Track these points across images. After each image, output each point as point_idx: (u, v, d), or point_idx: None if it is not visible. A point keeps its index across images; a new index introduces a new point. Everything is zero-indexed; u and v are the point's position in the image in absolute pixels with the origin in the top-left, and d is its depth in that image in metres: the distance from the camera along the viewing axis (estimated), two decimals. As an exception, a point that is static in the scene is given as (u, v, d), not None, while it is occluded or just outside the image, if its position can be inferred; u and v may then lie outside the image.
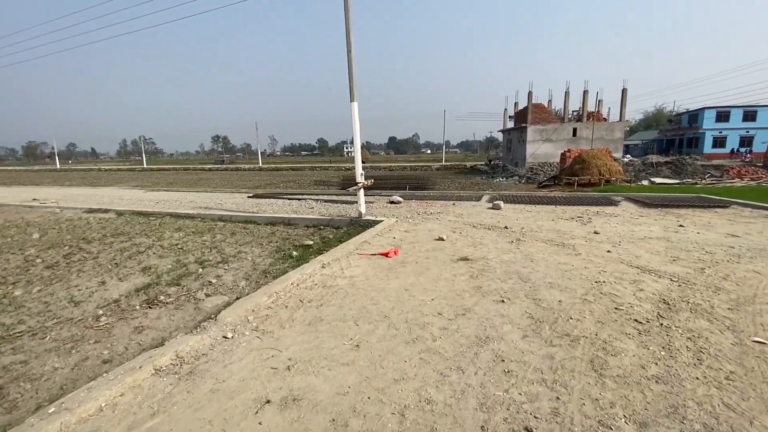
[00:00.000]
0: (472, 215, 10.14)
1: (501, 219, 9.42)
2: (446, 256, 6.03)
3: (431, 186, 19.66)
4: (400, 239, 7.31)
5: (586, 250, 6.21)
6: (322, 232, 9.05)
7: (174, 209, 12.81)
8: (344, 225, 9.62)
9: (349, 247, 6.66)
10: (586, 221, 8.98)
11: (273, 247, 7.73)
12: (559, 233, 7.61)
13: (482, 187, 21.17)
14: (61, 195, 18.50)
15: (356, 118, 9.08)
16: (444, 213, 10.62)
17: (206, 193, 18.62)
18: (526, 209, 11.05)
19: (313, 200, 14.16)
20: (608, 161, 21.78)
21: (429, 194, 15.34)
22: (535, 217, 9.69)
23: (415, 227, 8.51)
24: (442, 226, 8.62)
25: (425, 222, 9.18)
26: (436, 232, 7.88)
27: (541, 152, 31.78)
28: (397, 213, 10.76)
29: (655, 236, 7.32)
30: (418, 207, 11.92)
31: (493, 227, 8.33)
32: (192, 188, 22.42)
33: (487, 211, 10.74)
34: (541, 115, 34.18)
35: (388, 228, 8.40)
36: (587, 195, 13.89)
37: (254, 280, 5.60)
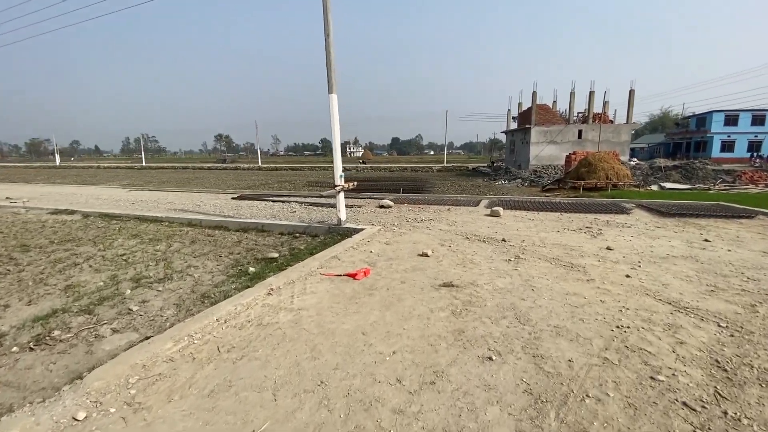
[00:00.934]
0: (467, 223, 8.94)
1: (499, 229, 8.21)
2: (427, 279, 4.84)
3: (428, 189, 18.48)
4: (378, 254, 6.12)
5: (600, 274, 4.99)
6: (295, 241, 7.89)
7: (145, 211, 11.70)
8: (322, 233, 8.46)
9: (312, 264, 5.48)
10: (596, 233, 7.75)
11: (232, 260, 6.58)
12: (565, 249, 6.40)
13: (483, 190, 19.97)
14: (39, 194, 17.47)
15: (335, 111, 7.91)
16: (436, 220, 9.42)
17: (192, 193, 17.53)
18: (528, 217, 9.83)
19: (299, 203, 13.01)
20: (616, 165, 20.47)
21: (424, 198, 14.15)
22: (538, 226, 8.47)
23: (399, 238, 7.32)
24: (431, 237, 7.43)
25: (412, 231, 7.99)
26: (421, 245, 6.69)
27: (545, 154, 30.48)
28: (384, 219, 9.59)
29: (679, 254, 6.09)
30: (409, 212, 10.73)
31: (488, 239, 7.12)
32: (181, 188, 21.37)
33: (484, 219, 9.53)
34: (546, 116, 32.86)
35: (368, 238, 7.22)
36: (595, 201, 12.64)
37: (185, 308, 4.45)
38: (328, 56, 7.72)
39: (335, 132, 7.93)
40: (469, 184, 23.51)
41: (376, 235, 7.53)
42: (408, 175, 31.35)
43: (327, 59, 7.73)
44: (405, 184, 18.52)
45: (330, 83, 7.80)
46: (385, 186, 18.17)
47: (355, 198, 14.40)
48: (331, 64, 7.76)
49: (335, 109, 7.89)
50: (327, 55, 7.72)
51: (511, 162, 36.20)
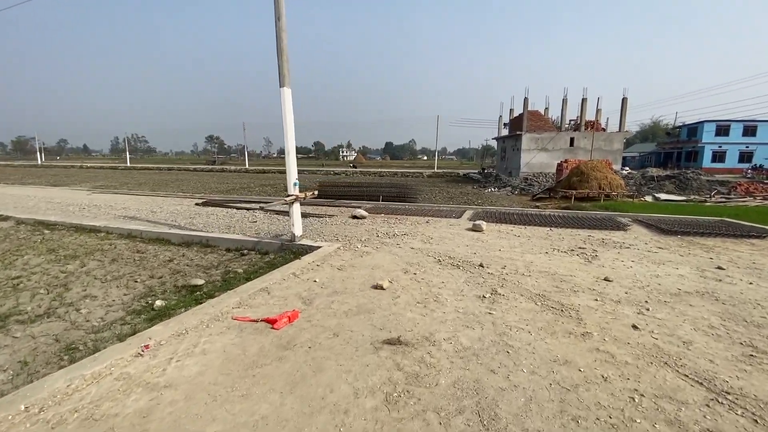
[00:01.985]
0: (444, 240, 7.71)
1: (479, 248, 6.98)
2: (369, 330, 3.57)
3: (413, 196, 17.25)
4: (322, 285, 4.84)
5: (599, 323, 3.76)
6: (237, 261, 6.61)
7: (90, 219, 10.34)
8: (273, 250, 7.19)
9: (228, 302, 4.18)
10: (591, 256, 6.56)
11: (146, 287, 5.29)
12: (554, 279, 5.17)
13: (470, 198, 18.83)
14: (-9, 195, 15.98)
15: (288, 107, 6.65)
16: (410, 235, 8.18)
17: (158, 197, 16.14)
18: (514, 232, 8.63)
19: (266, 210, 11.71)
20: (609, 174, 19.43)
21: (404, 207, 12.92)
22: (524, 245, 7.25)
23: (357, 260, 6.05)
24: (397, 259, 6.18)
25: (377, 251, 6.73)
26: (381, 271, 5.43)
27: (537, 162, 29.47)
28: (351, 233, 8.33)
29: (693, 289, 4.90)
30: (383, 224, 9.49)
31: (464, 264, 5.89)
32: (152, 191, 19.97)
33: (464, 234, 8.31)
34: (537, 122, 31.90)
35: (320, 261, 5.95)
36: (588, 215, 11.49)
37: (31, 370, 3.18)
38: (279, 43, 6.47)
39: (288, 131, 6.67)
40: (458, 192, 22.38)
41: (332, 256, 6.25)
42: (396, 180, 30.17)
43: (278, 46, 6.48)
44: (389, 191, 17.27)
45: (281, 75, 6.54)
46: (367, 193, 16.92)
47: (329, 206, 13.14)
48: (283, 52, 6.51)
49: (288, 105, 6.63)
50: (278, 42, 6.47)
51: (502, 169, 35.20)
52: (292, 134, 6.78)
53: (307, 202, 13.81)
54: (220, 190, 21.61)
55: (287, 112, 6.61)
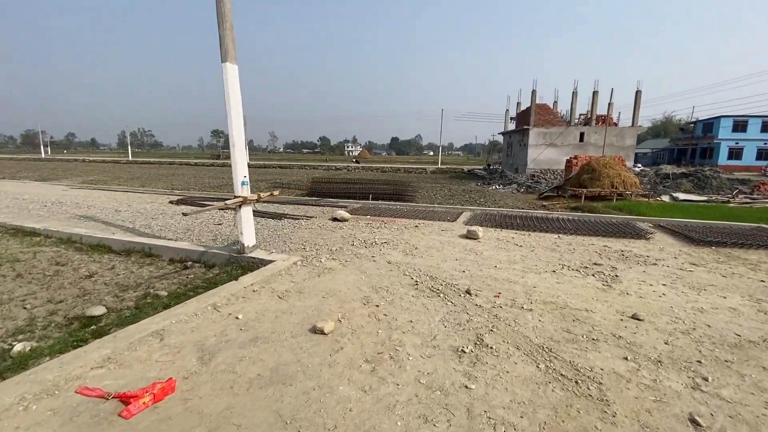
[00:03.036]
0: (430, 251, 6.35)
1: (470, 264, 5.61)
2: (265, 428, 2.25)
3: (410, 194, 15.86)
4: (242, 325, 3.51)
5: (637, 414, 2.37)
6: (172, 278, 5.33)
7: (42, 219, 9.17)
8: (220, 263, 5.89)
9: (92, 356, 2.87)
10: (610, 277, 5.15)
11: (32, 316, 4.03)
12: (564, 317, 3.79)
13: (472, 197, 17.39)
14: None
15: (233, 88, 5.30)
16: (392, 243, 6.83)
17: (135, 193, 14.98)
18: (516, 241, 7.22)
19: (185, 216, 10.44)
20: (622, 171, 17.82)
21: (396, 207, 11.55)
22: (526, 260, 5.85)
23: (310, 283, 4.72)
24: (363, 279, 4.83)
25: (344, 267, 5.39)
26: (334, 300, 4.09)
27: (544, 158, 27.84)
28: (323, 241, 7.00)
29: (758, 336, 3.48)
30: (365, 229, 8.14)
31: (447, 288, 4.53)
32: (142, 186, 18.88)
33: (456, 243, 6.93)
34: (546, 117, 30.18)
35: (261, 283, 4.62)
36: (602, 218, 10.01)
37: None
38: (220, 7, 5.11)
39: (233, 117, 5.32)
40: (459, 189, 20.92)
41: (280, 276, 4.92)
42: (394, 177, 28.73)
43: (218, 12, 5.12)
44: (384, 189, 15.91)
45: (224, 48, 5.18)
46: (361, 190, 15.57)
47: (315, 205, 11.82)
48: (226, 19, 5.15)
49: (233, 85, 5.28)
50: (218, 6, 5.11)
51: (508, 165, 33.57)
52: (239, 121, 5.44)
53: (289, 201, 12.50)
54: (211, 186, 20.44)
55: (232, 93, 5.26)
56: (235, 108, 5.32)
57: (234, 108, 5.29)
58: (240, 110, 5.42)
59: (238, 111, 5.39)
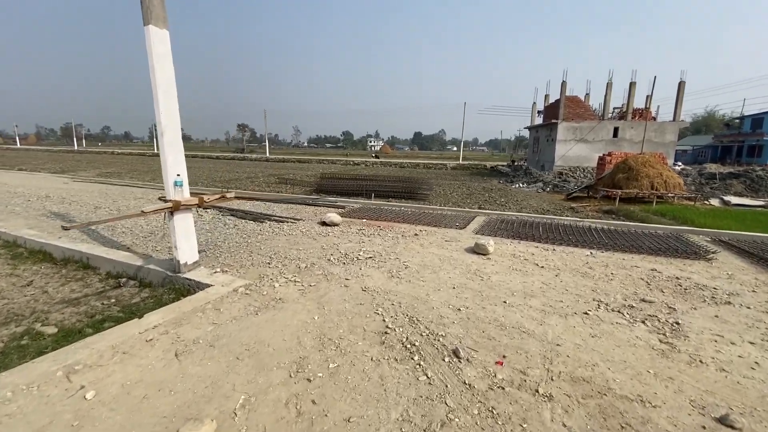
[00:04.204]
0: (424, 270, 4.92)
1: (469, 297, 4.13)
2: None
3: (422, 193, 14.38)
4: (74, 421, 2.25)
5: None
6: (93, 300, 4.16)
7: (8, 215, 8.34)
8: (156, 282, 4.69)
9: None
10: (669, 324, 3.57)
11: None
12: (605, 412, 2.29)
13: (493, 195, 15.66)
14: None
15: (162, 57, 4.02)
16: (380, 258, 5.45)
17: (134, 188, 14.22)
18: (536, 259, 5.67)
19: (222, 211, 9.34)
20: (664, 170, 15.62)
21: (399, 209, 10.13)
22: (547, 292, 4.32)
23: (238, 326, 3.40)
24: (315, 323, 3.48)
25: (303, 295, 4.05)
26: (247, 369, 2.74)
27: (573, 154, 25.56)
28: (295, 253, 5.70)
29: None
30: (354, 237, 6.79)
31: (426, 344, 3.09)
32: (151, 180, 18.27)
33: (459, 260, 5.46)
34: (576, 110, 27.75)
35: (171, 324, 3.33)
36: (645, 229, 8.22)
37: None
38: (141, -48, 3.84)
39: (159, 97, 4.04)
40: (480, 187, 19.14)
41: (203, 312, 3.62)
42: (411, 174, 27.14)
43: (139, -42, 3.85)
44: (393, 187, 14.49)
45: (146, 6, 3.90)
46: (369, 188, 14.22)
47: (313, 205, 10.56)
48: (149, -32, 3.87)
49: (159, 56, 4.00)
50: (138, -50, 3.84)
51: (534, 162, 31.32)
52: (170, 101, 4.15)
53: (284, 200, 11.28)
54: (221, 180, 19.60)
55: (158, 66, 3.98)
56: (164, 85, 4.04)
57: (162, 85, 4.02)
58: (171, 88, 4.14)
59: (169, 89, 4.11)
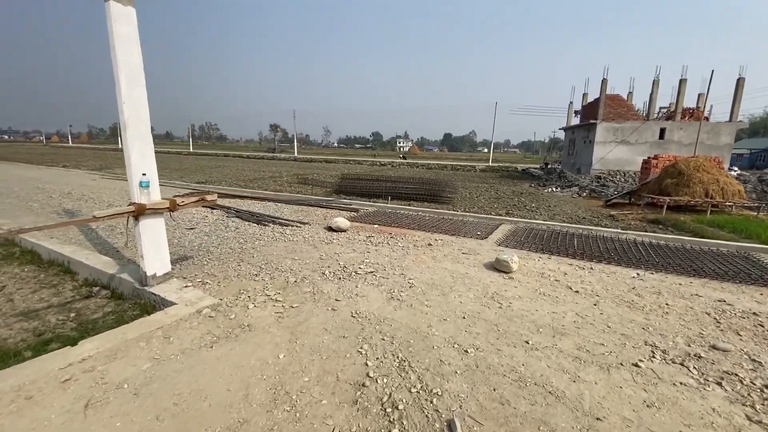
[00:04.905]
0: (429, 293, 4.11)
1: (482, 333, 3.27)
2: None
3: (446, 196, 13.45)
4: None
5: None
6: (52, 314, 3.66)
7: (24, 212, 8.26)
8: (127, 293, 4.15)
9: None
10: (754, 388, 2.58)
11: None
12: None
13: (523, 200, 14.46)
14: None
15: (126, 38, 3.45)
16: (380, 275, 4.68)
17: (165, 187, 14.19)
18: (569, 280, 4.70)
19: (228, 211, 8.88)
20: (720, 176, 13.82)
21: (417, 214, 9.31)
22: (582, 329, 3.37)
23: (182, 365, 2.72)
24: (282, 359, 2.76)
25: (274, 323, 3.36)
26: (173, 423, 2.09)
27: (614, 157, 23.68)
28: (289, 263, 5.04)
29: None
30: (360, 245, 6.06)
31: (413, 409, 2.31)
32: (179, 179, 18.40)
33: (475, 279, 4.60)
34: (618, 109, 25.75)
35: (101, 359, 2.73)
36: (702, 245, 6.95)
37: None
38: None
39: (122, 85, 3.48)
40: (509, 191, 17.89)
41: (148, 342, 2.98)
42: (436, 175, 26.11)
43: None
44: (414, 190, 13.66)
45: (105, -22, 3.35)
46: (389, 190, 13.47)
47: (322, 207, 9.94)
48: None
49: (122, 38, 3.43)
50: None
51: (569, 165, 29.44)
52: (134, 90, 3.57)
53: (297, 201, 10.71)
54: (245, 179, 19.47)
55: (120, 48, 3.41)
56: (128, 70, 3.47)
57: (125, 70, 3.44)
58: (137, 74, 3.56)
59: (134, 75, 3.53)
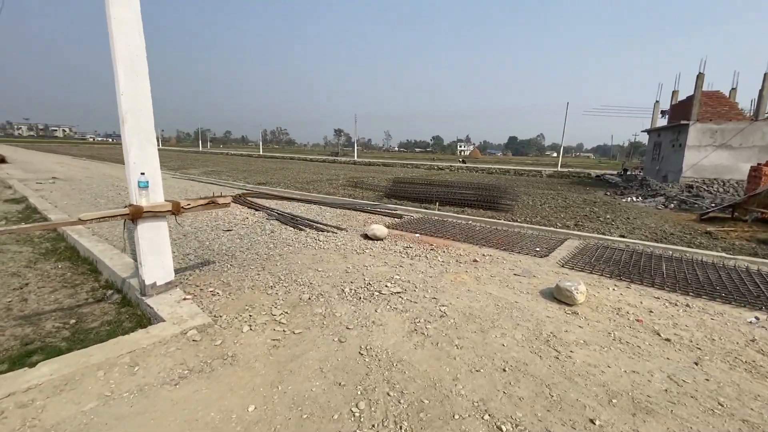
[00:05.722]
0: (464, 328, 3.26)
1: (526, 397, 2.36)
2: None
3: (505, 203, 12.20)
4: None
5: None
6: (54, 319, 3.47)
7: (91, 208, 8.83)
8: (134, 299, 3.87)
9: None
10: None
11: None
12: None
13: (595, 211, 12.65)
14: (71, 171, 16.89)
15: (125, 23, 3.11)
16: (407, 298, 3.93)
17: (214, 185, 14.79)
18: (655, 322, 3.53)
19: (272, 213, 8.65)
20: None
21: (467, 223, 8.35)
22: (679, 398, 2.27)
23: (134, 408, 2.23)
24: (254, 413, 2.12)
25: (264, 357, 2.76)
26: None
27: (710, 163, 20.25)
28: (309, 277, 4.50)
29: None
30: (394, 257, 5.35)
31: None
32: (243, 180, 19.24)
33: (526, 311, 3.63)
34: (717, 108, 22.04)
35: (56, 387, 2.26)
36: None
37: None
38: None
39: (120, 75, 3.14)
40: (579, 199, 15.82)
41: (108, 373, 2.50)
42: (497, 180, 24.45)
43: None
44: (472, 195, 12.61)
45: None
46: (440, 195, 12.58)
47: (366, 211, 9.38)
48: None
49: (121, 22, 3.10)
50: None
51: (653, 172, 25.91)
52: (136, 80, 3.23)
53: (340, 204, 10.26)
54: (302, 181, 19.73)
55: (119, 35, 3.07)
56: (127, 59, 3.12)
57: (124, 59, 3.10)
58: (139, 64, 3.21)
59: (134, 64, 3.18)
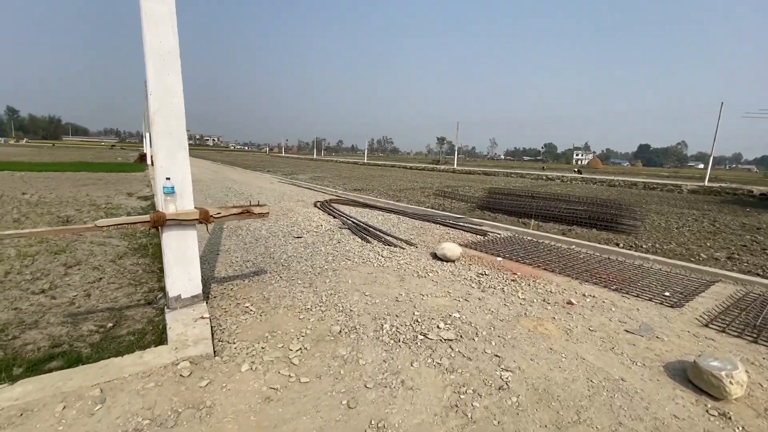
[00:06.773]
0: (529, 416, 2.18)
1: None
2: None
3: (626, 224, 9.84)
4: None
5: None
6: (91, 320, 3.48)
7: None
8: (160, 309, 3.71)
9: None
10: None
11: None
12: None
13: (757, 240, 9.29)
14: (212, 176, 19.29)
15: (157, 20, 2.88)
16: (461, 350, 2.94)
17: (311, 190, 15.41)
18: None
19: (349, 223, 8.31)
20: None
21: (569, 248, 6.73)
22: None
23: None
24: None
25: (249, 415, 2.15)
26: None
27: None
28: (348, 304, 3.83)
29: None
30: (459, 289, 4.36)
31: None
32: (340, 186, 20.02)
33: (641, 397, 2.31)
34: None
35: (9, 420, 2.00)
36: None
37: None
38: None
39: (151, 75, 2.91)
40: (736, 224, 11.81)
41: (60, 414, 2.12)
42: (619, 195, 20.54)
43: None
44: (582, 212, 10.55)
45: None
46: (544, 209, 10.80)
47: (449, 226, 8.41)
48: None
49: (157, 17, 2.87)
50: None
51: None
52: (165, 80, 2.98)
53: (420, 215, 9.43)
54: (396, 188, 19.51)
55: (150, 31, 2.84)
56: (157, 55, 2.88)
57: (154, 55, 2.87)
58: (170, 61, 2.95)
59: (166, 62, 2.93)
